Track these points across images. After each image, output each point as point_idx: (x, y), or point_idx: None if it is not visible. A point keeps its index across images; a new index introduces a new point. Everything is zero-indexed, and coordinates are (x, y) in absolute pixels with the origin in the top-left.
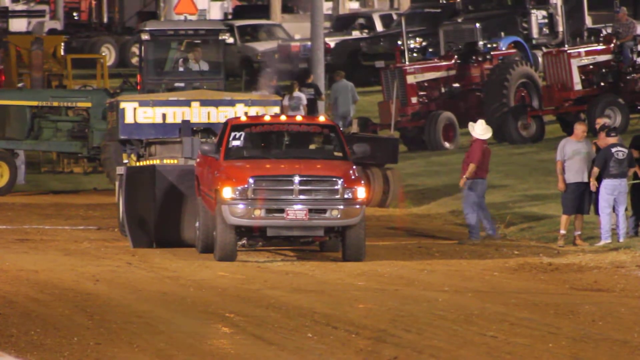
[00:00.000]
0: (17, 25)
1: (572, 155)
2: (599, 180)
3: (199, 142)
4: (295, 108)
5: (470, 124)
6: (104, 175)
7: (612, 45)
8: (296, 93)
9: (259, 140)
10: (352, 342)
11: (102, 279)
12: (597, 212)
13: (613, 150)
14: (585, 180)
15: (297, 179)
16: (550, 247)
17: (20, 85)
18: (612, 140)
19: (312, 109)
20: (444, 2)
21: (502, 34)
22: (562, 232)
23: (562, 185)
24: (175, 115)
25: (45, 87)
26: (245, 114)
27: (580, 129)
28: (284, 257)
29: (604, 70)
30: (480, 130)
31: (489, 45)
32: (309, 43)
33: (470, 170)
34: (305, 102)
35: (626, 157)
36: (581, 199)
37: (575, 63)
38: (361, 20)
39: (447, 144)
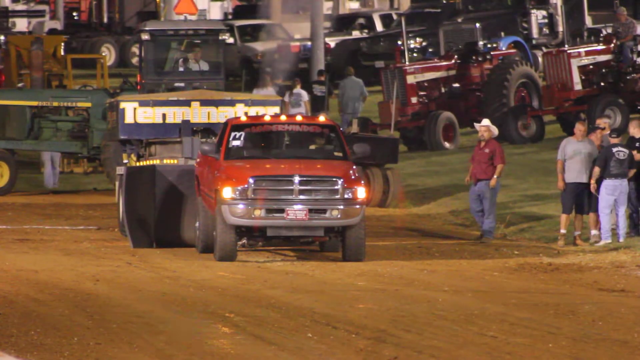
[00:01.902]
0: (17, 25)
1: (572, 155)
2: (599, 180)
3: (199, 142)
4: (296, 104)
5: (484, 125)
6: (104, 175)
7: (612, 45)
8: (297, 90)
9: (259, 140)
10: (352, 342)
11: (102, 279)
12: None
13: (614, 150)
14: (585, 180)
15: (297, 179)
16: (550, 247)
17: (20, 85)
18: (614, 140)
19: (322, 106)
20: (444, 2)
21: (502, 34)
22: (562, 231)
23: (561, 184)
24: (175, 115)
25: (45, 87)
26: (245, 114)
27: (579, 128)
28: (284, 257)
29: (604, 70)
30: (494, 128)
31: (489, 45)
32: (309, 43)
33: (499, 171)
34: (306, 98)
35: (627, 158)
36: (580, 199)
37: (575, 63)
38: (361, 20)
39: (447, 144)
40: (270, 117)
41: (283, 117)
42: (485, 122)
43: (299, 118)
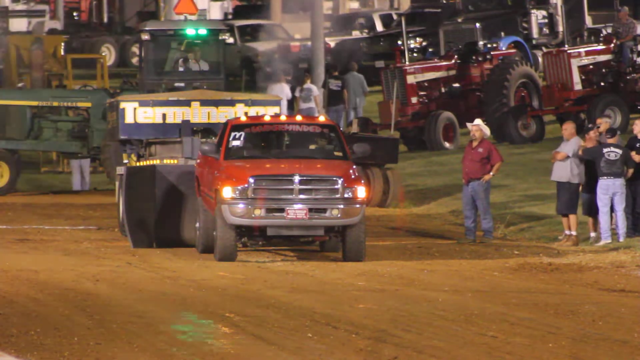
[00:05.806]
0: (17, 25)
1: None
2: (595, 181)
3: (199, 142)
4: (306, 99)
5: (479, 125)
6: (104, 175)
7: (612, 45)
8: (307, 85)
9: (259, 140)
10: (352, 342)
11: (102, 279)
12: (587, 212)
13: (604, 150)
14: (564, 180)
15: (297, 178)
16: (550, 247)
17: (20, 85)
18: (610, 140)
19: (338, 100)
20: (444, 2)
21: (502, 34)
22: (571, 233)
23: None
24: (175, 115)
25: (45, 87)
26: (245, 114)
27: (563, 128)
28: (284, 257)
29: (604, 70)
30: (486, 127)
31: (489, 45)
32: (309, 43)
33: (497, 167)
34: (316, 93)
35: (619, 158)
36: (574, 199)
37: (575, 63)
38: (361, 20)
39: (447, 144)
40: (270, 117)
41: (283, 117)
42: (477, 121)
43: (298, 118)
